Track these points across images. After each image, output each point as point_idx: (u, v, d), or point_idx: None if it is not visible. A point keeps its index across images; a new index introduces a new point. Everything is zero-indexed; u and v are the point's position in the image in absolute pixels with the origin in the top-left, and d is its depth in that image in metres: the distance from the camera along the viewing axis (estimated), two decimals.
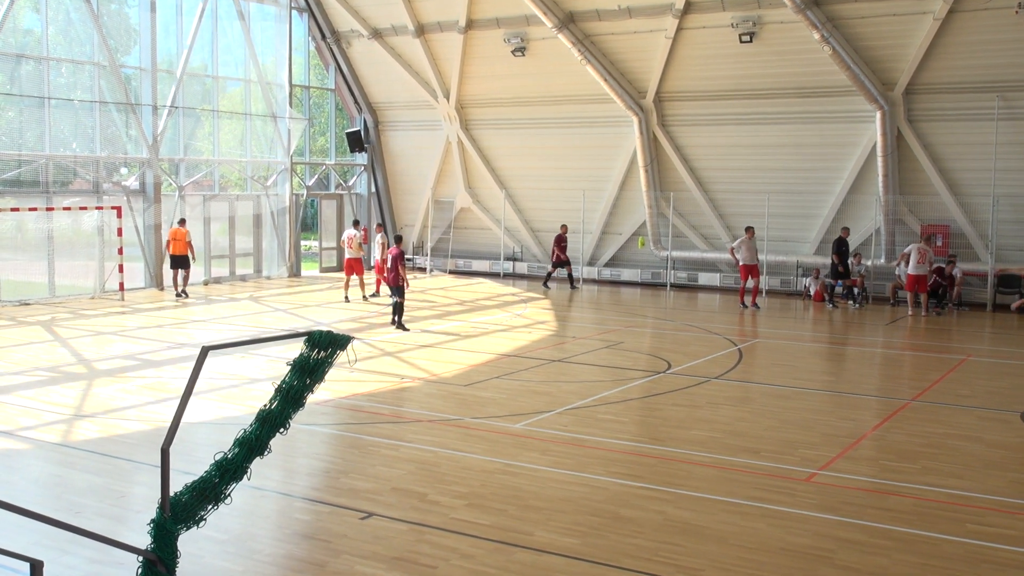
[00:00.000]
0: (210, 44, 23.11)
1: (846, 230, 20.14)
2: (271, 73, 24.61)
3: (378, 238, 21.67)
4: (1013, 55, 18.67)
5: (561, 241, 22.67)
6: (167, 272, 20.86)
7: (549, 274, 23.34)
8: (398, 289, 15.90)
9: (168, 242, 20.44)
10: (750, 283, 19.96)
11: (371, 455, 8.73)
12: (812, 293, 20.91)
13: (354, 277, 20.11)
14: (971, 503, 7.50)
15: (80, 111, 20.43)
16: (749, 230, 20.04)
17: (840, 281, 19.99)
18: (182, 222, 20.60)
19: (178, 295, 20.06)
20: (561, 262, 22.63)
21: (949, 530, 6.86)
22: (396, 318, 16.10)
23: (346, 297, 20.13)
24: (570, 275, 22.97)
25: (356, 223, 21.54)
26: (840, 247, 19.75)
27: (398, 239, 17.07)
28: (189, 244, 20.22)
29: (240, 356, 13.27)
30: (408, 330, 15.88)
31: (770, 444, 9.21)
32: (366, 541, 6.54)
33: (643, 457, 8.72)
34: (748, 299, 19.81)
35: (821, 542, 6.60)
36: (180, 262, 20.11)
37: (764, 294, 21.73)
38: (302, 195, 25.83)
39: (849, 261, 19.98)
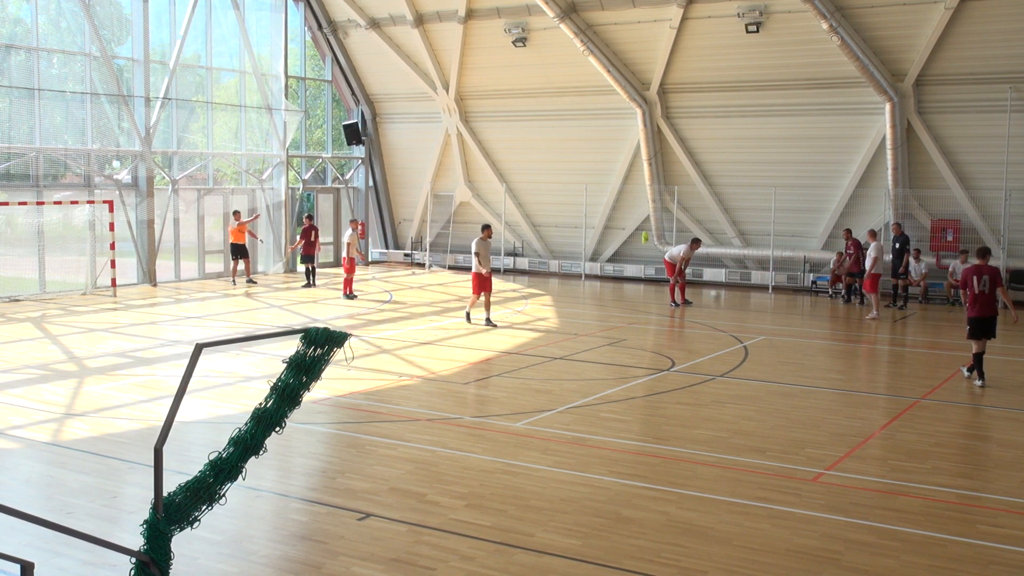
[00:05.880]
0: (204, 34, 22.91)
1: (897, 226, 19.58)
2: (266, 64, 24.41)
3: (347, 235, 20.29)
4: None
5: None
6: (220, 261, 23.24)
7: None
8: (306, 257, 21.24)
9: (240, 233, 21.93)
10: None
11: (369, 454, 8.62)
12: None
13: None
14: (982, 504, 7.42)
15: (71, 103, 20.25)
16: (696, 242, 19.48)
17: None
18: (236, 214, 22.10)
19: (248, 281, 22.02)
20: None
21: (959, 531, 6.79)
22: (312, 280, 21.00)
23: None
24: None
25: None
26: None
27: (308, 217, 22.08)
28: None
29: (235, 354, 13.15)
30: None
31: (776, 443, 9.10)
32: (364, 542, 6.46)
33: (646, 457, 8.62)
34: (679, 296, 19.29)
35: (828, 543, 6.52)
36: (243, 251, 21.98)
37: (771, 290, 21.60)
38: (298, 189, 25.65)
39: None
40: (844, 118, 20.81)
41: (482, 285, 15.90)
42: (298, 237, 22.50)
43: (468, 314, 16.33)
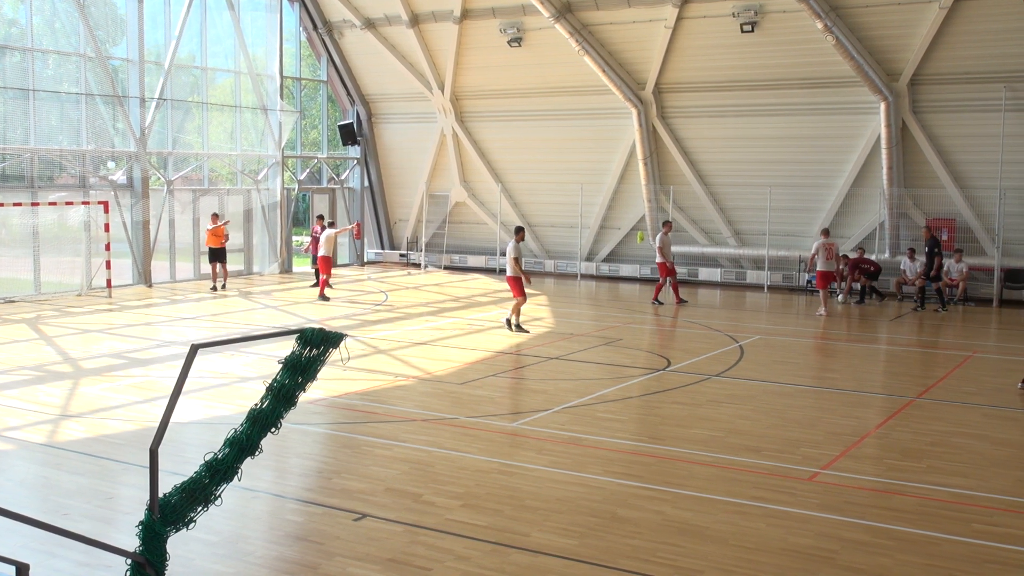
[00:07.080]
0: (199, 34, 22.87)
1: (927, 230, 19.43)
2: (261, 64, 24.37)
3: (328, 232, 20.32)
4: (1020, 45, 18.56)
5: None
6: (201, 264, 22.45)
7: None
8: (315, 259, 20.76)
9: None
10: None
11: (365, 455, 8.62)
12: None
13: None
14: (977, 502, 7.43)
15: (66, 104, 20.20)
16: (666, 224, 19.60)
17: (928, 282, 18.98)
18: (214, 216, 21.43)
19: (213, 288, 20.99)
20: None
21: (954, 530, 6.80)
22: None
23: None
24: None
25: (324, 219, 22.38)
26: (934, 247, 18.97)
27: (320, 217, 22.46)
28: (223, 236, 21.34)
29: (230, 354, 13.13)
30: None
31: (772, 443, 9.11)
32: (359, 543, 6.46)
33: (642, 456, 8.62)
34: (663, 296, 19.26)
35: (823, 542, 6.53)
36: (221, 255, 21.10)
37: (766, 289, 21.70)
38: (293, 189, 25.63)
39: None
40: (839, 117, 20.85)
41: (520, 288, 15.24)
42: (321, 239, 21.73)
43: (517, 324, 15.39)
